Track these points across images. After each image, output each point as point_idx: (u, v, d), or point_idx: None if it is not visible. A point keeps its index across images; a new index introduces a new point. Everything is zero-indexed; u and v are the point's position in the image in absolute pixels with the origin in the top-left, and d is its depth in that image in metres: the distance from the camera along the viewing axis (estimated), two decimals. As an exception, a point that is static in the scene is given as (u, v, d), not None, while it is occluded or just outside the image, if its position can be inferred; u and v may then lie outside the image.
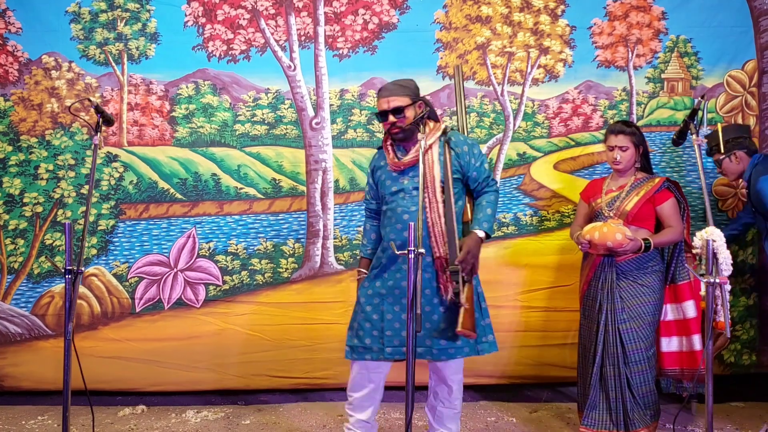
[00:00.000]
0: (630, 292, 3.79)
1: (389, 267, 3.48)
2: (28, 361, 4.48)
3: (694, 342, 3.93)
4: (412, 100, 3.46)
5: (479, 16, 4.59)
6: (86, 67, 4.54)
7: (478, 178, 3.53)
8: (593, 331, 3.84)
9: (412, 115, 3.44)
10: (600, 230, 3.69)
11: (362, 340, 3.50)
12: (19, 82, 4.51)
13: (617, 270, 3.80)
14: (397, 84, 3.49)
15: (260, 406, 4.66)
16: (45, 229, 4.54)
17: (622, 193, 3.86)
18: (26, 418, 4.42)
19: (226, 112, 4.56)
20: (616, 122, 4.03)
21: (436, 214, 3.41)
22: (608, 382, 3.76)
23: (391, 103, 3.42)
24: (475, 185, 3.55)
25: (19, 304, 4.52)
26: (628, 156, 3.85)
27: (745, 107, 4.63)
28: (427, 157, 3.42)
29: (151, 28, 4.54)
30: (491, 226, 3.47)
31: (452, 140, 3.50)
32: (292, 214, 4.61)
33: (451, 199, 3.41)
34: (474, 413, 4.52)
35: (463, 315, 3.31)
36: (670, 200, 3.85)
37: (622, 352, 3.74)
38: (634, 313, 3.77)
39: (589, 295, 3.92)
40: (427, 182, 3.40)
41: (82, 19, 4.52)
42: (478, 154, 3.55)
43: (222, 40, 4.55)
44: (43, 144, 4.54)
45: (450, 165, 3.45)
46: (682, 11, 4.61)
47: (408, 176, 3.47)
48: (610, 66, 4.63)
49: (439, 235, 3.41)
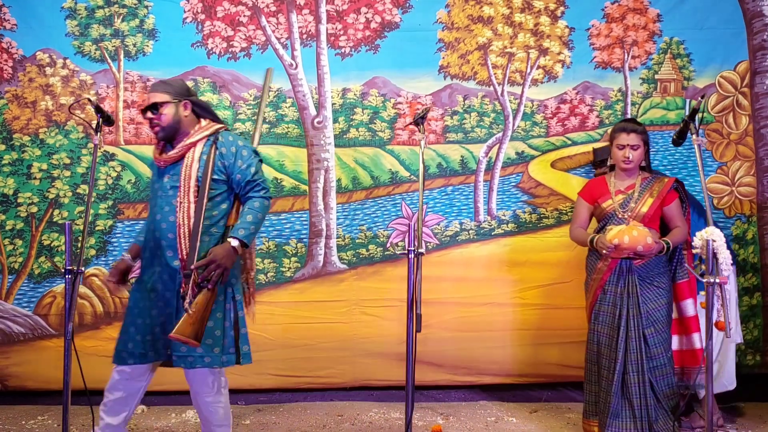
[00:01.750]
0: (648, 295, 3.74)
1: (147, 269, 3.33)
2: (32, 361, 4.43)
3: (694, 340, 3.93)
4: (172, 98, 3.31)
5: (481, 16, 4.63)
6: (81, 64, 4.45)
7: (242, 181, 3.29)
8: (613, 337, 3.75)
9: (171, 113, 3.29)
10: (629, 234, 3.65)
11: (126, 345, 3.29)
12: (13, 80, 4.40)
13: (638, 274, 3.75)
14: (162, 81, 3.39)
15: (260, 405, 4.64)
16: (41, 230, 4.45)
17: (634, 194, 3.82)
18: (26, 418, 4.36)
19: (226, 111, 4.52)
20: (627, 120, 3.97)
21: (186, 215, 3.24)
22: (631, 389, 3.68)
23: (150, 99, 3.30)
24: (239, 189, 3.35)
25: (21, 304, 4.46)
26: (638, 155, 3.81)
27: (736, 107, 4.75)
28: (188, 155, 3.29)
29: (149, 25, 4.47)
30: (248, 234, 3.20)
31: (220, 140, 3.34)
32: (294, 213, 4.59)
33: (203, 200, 3.26)
34: (474, 413, 4.54)
35: (183, 320, 3.16)
36: (677, 200, 3.87)
37: (647, 357, 3.69)
38: (653, 317, 3.73)
39: (606, 300, 3.81)
40: (183, 181, 3.26)
41: (78, 15, 4.42)
42: (247, 156, 3.31)
43: (222, 38, 4.50)
44: (36, 143, 4.44)
45: (212, 165, 3.29)
46: (676, 13, 4.71)
47: (168, 174, 3.32)
48: (606, 67, 4.72)
49: (184, 237, 3.25)
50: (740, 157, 4.75)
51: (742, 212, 4.73)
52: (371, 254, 4.64)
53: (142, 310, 3.30)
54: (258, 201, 3.27)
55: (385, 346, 4.59)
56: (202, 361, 3.29)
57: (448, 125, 4.66)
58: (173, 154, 3.27)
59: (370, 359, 4.65)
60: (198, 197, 3.23)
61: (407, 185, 4.65)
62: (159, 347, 3.32)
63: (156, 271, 3.28)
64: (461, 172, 4.68)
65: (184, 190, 3.24)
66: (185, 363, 3.27)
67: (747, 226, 4.75)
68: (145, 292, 3.30)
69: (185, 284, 3.20)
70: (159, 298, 3.28)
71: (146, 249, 3.34)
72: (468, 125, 4.67)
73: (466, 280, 4.67)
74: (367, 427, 4.29)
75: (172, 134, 3.30)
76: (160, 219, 3.25)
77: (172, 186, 3.27)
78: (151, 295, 3.29)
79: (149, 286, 3.30)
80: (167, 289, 3.27)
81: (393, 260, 4.64)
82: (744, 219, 4.74)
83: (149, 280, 3.31)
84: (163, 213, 3.25)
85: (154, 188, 3.35)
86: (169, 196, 3.26)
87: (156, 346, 3.31)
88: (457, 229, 4.67)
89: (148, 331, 3.30)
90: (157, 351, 3.32)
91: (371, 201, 4.64)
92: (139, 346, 3.30)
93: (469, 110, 4.65)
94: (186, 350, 3.24)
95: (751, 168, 4.76)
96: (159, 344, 3.31)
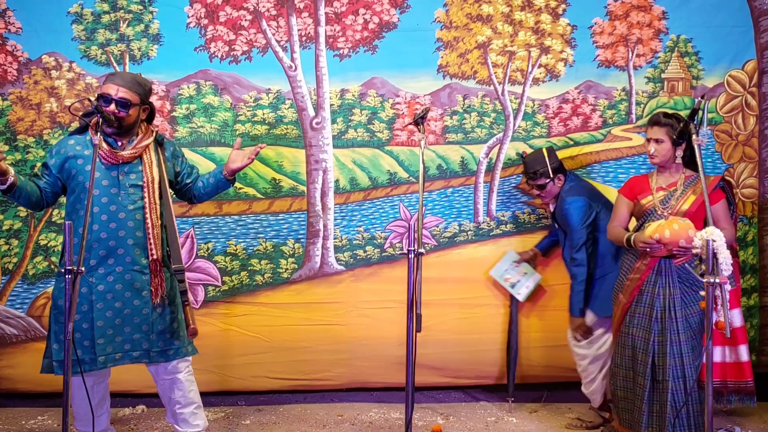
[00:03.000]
0: (685, 299, 3.61)
1: (96, 269, 3.32)
2: (25, 363, 4.41)
3: (741, 353, 3.73)
4: (141, 102, 3.40)
5: (480, 14, 4.59)
6: (87, 68, 4.53)
7: (192, 171, 3.64)
8: (648, 340, 3.63)
9: (135, 115, 3.38)
10: (670, 228, 3.47)
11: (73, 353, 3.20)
12: (18, 82, 4.50)
13: (678, 274, 3.62)
14: (135, 79, 3.41)
15: (260, 406, 4.63)
16: (40, 230, 4.50)
17: (676, 191, 3.67)
18: (26, 418, 4.40)
19: (226, 112, 4.56)
20: (656, 112, 3.82)
21: (155, 215, 3.36)
22: (665, 396, 3.57)
23: (120, 93, 3.31)
24: (190, 178, 3.62)
25: (14, 306, 4.47)
26: (663, 149, 3.64)
27: (745, 107, 4.63)
28: (145, 156, 3.38)
29: (154, 30, 4.54)
30: None
31: (164, 143, 3.52)
32: (292, 214, 4.59)
33: (169, 200, 3.40)
34: (474, 413, 4.51)
35: (192, 313, 3.36)
36: (723, 201, 3.68)
37: (681, 364, 3.57)
38: (688, 322, 3.60)
39: (642, 301, 3.68)
40: (148, 182, 3.35)
41: (85, 20, 4.51)
42: (180, 152, 3.66)
43: (224, 41, 4.55)
44: (40, 144, 4.52)
45: (165, 167, 3.45)
46: (682, 11, 4.61)
47: (122, 172, 3.36)
48: (610, 66, 4.64)
49: (155, 237, 3.35)
50: (745, 159, 4.64)
51: (743, 214, 4.61)
52: (369, 255, 4.61)
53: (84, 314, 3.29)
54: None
55: (384, 348, 4.56)
56: (180, 352, 3.45)
57: (448, 125, 4.62)
58: (129, 153, 3.35)
59: (368, 361, 4.62)
60: (163, 198, 3.39)
61: (405, 186, 4.62)
62: (108, 351, 3.33)
63: (114, 270, 3.31)
64: (461, 173, 4.62)
65: (150, 191, 3.35)
66: (164, 357, 3.39)
67: (748, 227, 4.62)
68: (95, 294, 3.29)
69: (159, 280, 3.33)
70: (129, 298, 3.32)
71: (92, 249, 3.30)
72: (468, 125, 4.62)
73: (465, 281, 4.62)
74: (367, 427, 4.29)
75: (125, 132, 3.38)
76: (124, 218, 3.30)
77: (132, 185, 3.35)
78: (108, 296, 3.30)
79: (101, 288, 3.30)
80: (144, 287, 3.34)
81: (391, 262, 4.60)
82: (745, 221, 4.61)
83: (101, 281, 3.30)
84: (126, 211, 3.31)
85: (102, 185, 3.33)
86: (130, 194, 3.34)
87: (104, 349, 3.31)
88: (455, 231, 4.62)
89: (100, 334, 3.29)
90: (106, 354, 3.33)
91: (369, 202, 4.61)
92: (88, 352, 3.29)
93: (469, 110, 4.60)
94: (164, 345, 3.37)
95: (754, 169, 4.65)
96: (108, 347, 3.32)
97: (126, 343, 3.34)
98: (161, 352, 3.39)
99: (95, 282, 3.30)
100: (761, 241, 4.63)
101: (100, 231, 3.29)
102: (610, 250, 4.07)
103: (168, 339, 3.39)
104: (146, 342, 3.35)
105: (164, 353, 3.40)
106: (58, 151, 3.44)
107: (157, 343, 3.37)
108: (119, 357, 3.34)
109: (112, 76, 3.40)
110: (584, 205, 4.06)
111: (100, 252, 3.30)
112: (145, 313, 3.36)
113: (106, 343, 3.31)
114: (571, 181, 4.21)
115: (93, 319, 3.27)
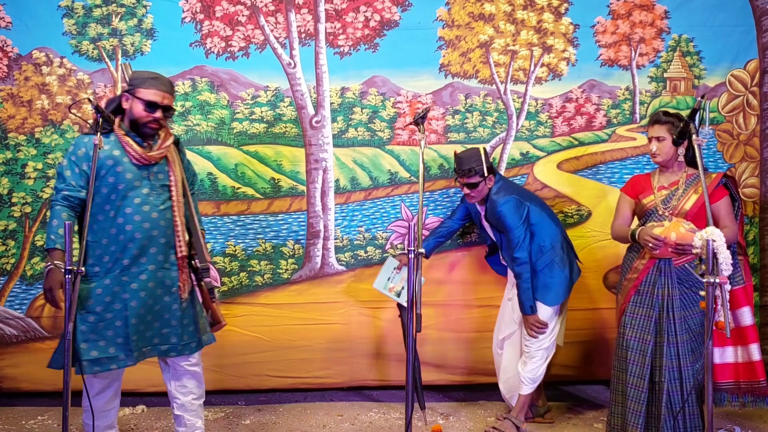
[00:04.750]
0: (684, 300, 3.58)
1: (129, 269, 3.31)
2: (26, 363, 4.39)
3: (752, 352, 3.67)
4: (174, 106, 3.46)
5: (482, 13, 4.53)
6: (79, 63, 4.41)
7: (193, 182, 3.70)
8: (646, 342, 3.61)
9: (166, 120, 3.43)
10: (677, 231, 3.48)
11: (106, 350, 3.27)
12: (8, 78, 4.37)
13: (677, 275, 3.60)
14: (171, 83, 3.44)
15: (260, 406, 4.61)
16: (35, 230, 4.41)
17: (678, 191, 3.63)
18: (26, 418, 4.36)
19: (223, 110, 4.46)
20: (657, 111, 3.80)
21: (181, 213, 3.41)
22: (663, 398, 3.55)
23: (166, 100, 3.33)
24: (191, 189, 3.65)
25: (13, 306, 4.42)
26: (665, 147, 3.60)
27: (746, 107, 4.63)
28: (170, 156, 3.43)
29: (147, 24, 4.42)
30: None
31: (180, 143, 3.58)
32: (292, 214, 4.52)
33: (189, 199, 3.48)
34: (474, 413, 4.50)
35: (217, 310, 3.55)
36: (726, 198, 3.62)
37: (678, 365, 3.55)
38: (687, 324, 3.57)
39: (639, 302, 3.67)
40: (175, 181, 3.41)
41: (76, 14, 4.39)
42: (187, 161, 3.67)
43: (220, 37, 4.45)
44: (32, 142, 4.40)
45: (183, 166, 3.53)
46: (684, 10, 4.60)
47: (151, 172, 3.37)
48: (613, 65, 4.61)
49: (182, 234, 3.40)
50: (747, 158, 4.65)
51: (745, 213, 4.59)
52: (369, 256, 4.56)
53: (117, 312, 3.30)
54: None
55: (384, 348, 4.55)
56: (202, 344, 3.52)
57: (450, 125, 4.57)
58: (158, 153, 3.37)
59: (369, 361, 4.60)
60: (185, 197, 3.47)
61: (407, 186, 4.57)
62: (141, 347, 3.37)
63: (147, 268, 3.33)
64: (464, 173, 4.57)
65: (177, 190, 3.41)
66: (189, 349, 3.46)
67: (749, 227, 4.64)
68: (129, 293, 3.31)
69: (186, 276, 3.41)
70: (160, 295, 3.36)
71: (127, 248, 3.31)
72: (470, 125, 4.57)
73: (465, 281, 4.60)
74: (367, 427, 4.28)
75: (152, 134, 3.39)
76: (156, 218, 3.33)
77: (162, 185, 3.39)
78: (141, 293, 3.33)
79: (137, 286, 3.32)
80: (174, 284, 3.39)
81: (391, 262, 4.56)
82: (747, 220, 4.62)
83: (134, 279, 3.33)
84: (158, 211, 3.35)
85: (133, 185, 3.33)
86: (160, 194, 3.38)
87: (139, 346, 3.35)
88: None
89: (134, 332, 3.32)
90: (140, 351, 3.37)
91: (370, 202, 4.56)
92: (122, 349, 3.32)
93: (471, 109, 4.55)
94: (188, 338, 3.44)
95: (756, 169, 4.66)
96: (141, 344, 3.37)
97: (155, 338, 3.39)
98: (186, 345, 3.44)
99: (128, 281, 3.31)
100: (762, 240, 4.65)
101: (134, 231, 3.29)
102: (550, 238, 3.99)
103: (191, 332, 3.45)
104: (174, 336, 3.41)
105: (188, 346, 3.45)
106: (79, 150, 3.32)
107: (182, 336, 3.42)
108: (147, 350, 3.38)
109: (155, 81, 3.32)
110: (516, 203, 3.93)
111: (134, 252, 3.31)
112: (174, 309, 3.40)
113: (138, 339, 3.33)
114: (498, 182, 4.04)
115: (127, 317, 3.29)
